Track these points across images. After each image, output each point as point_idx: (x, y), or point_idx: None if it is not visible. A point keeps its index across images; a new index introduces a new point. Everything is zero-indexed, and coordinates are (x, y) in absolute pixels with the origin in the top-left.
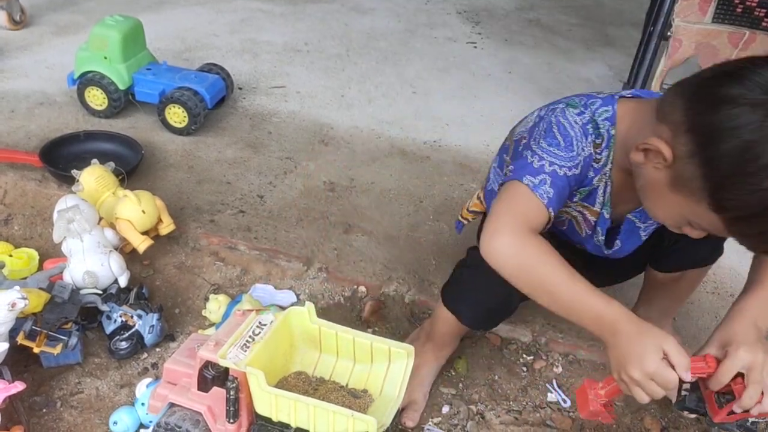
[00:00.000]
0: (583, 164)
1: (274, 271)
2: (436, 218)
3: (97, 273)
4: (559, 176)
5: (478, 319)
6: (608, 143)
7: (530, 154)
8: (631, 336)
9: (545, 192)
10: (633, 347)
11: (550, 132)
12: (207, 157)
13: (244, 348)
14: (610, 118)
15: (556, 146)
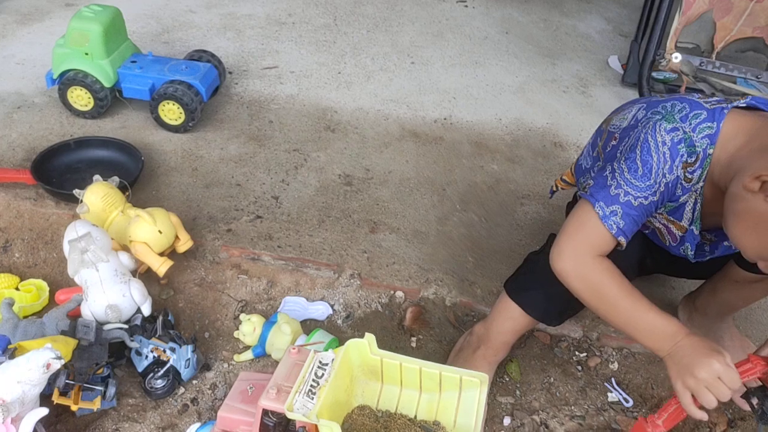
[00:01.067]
0: (665, 189)
1: (302, 281)
2: (463, 208)
3: (120, 305)
4: (634, 206)
5: (549, 312)
6: (703, 163)
7: (610, 176)
8: (694, 344)
9: (615, 223)
10: (697, 353)
11: (634, 154)
12: (210, 156)
13: (309, 395)
14: (712, 136)
15: (634, 174)
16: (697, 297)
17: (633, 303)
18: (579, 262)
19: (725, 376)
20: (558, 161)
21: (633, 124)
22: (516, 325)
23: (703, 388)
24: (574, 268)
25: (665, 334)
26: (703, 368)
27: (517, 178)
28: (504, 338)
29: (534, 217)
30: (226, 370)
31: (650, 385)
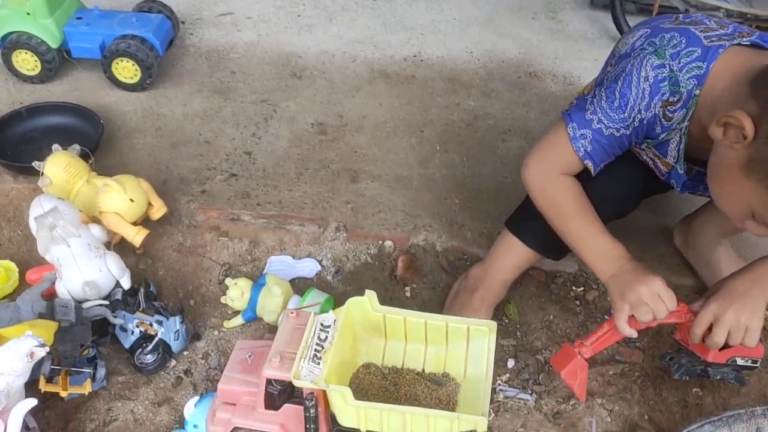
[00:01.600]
0: (639, 125)
1: (286, 238)
2: (443, 149)
3: (98, 281)
4: (604, 135)
5: (549, 243)
6: (687, 103)
7: (590, 101)
8: (637, 268)
9: (582, 146)
10: (639, 273)
11: (615, 84)
12: (173, 113)
13: (315, 360)
14: (700, 77)
15: (610, 105)
16: (695, 218)
17: (585, 223)
18: (543, 175)
19: (665, 294)
20: (535, 92)
21: (629, 52)
22: (517, 261)
23: (643, 303)
24: (537, 180)
25: (611, 256)
26: (645, 285)
27: (495, 113)
28: (502, 276)
29: (517, 153)
30: (217, 337)
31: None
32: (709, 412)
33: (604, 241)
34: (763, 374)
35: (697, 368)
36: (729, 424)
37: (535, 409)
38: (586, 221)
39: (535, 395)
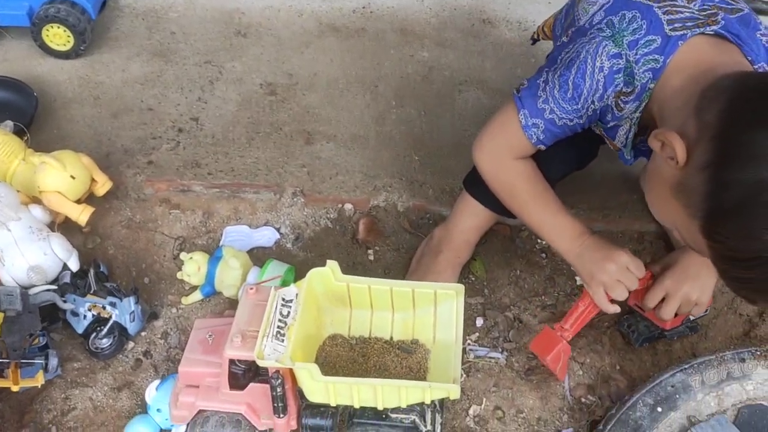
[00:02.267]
0: (592, 114)
1: (241, 207)
2: (399, 104)
3: (43, 265)
4: (557, 125)
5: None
6: (640, 96)
7: (542, 86)
8: (598, 243)
9: (535, 134)
10: (603, 249)
11: (569, 72)
12: (111, 80)
13: (278, 337)
14: (656, 71)
15: (563, 95)
16: None
17: (542, 206)
18: (495, 161)
19: (632, 265)
20: (490, 40)
21: (586, 27)
22: (478, 221)
23: (615, 281)
24: (491, 167)
25: (572, 235)
26: (613, 261)
27: (450, 64)
28: (466, 237)
29: (475, 104)
30: (175, 315)
31: None
32: (679, 358)
33: (563, 221)
34: (729, 316)
35: (655, 333)
36: (700, 370)
37: (506, 367)
38: (542, 204)
39: (506, 353)
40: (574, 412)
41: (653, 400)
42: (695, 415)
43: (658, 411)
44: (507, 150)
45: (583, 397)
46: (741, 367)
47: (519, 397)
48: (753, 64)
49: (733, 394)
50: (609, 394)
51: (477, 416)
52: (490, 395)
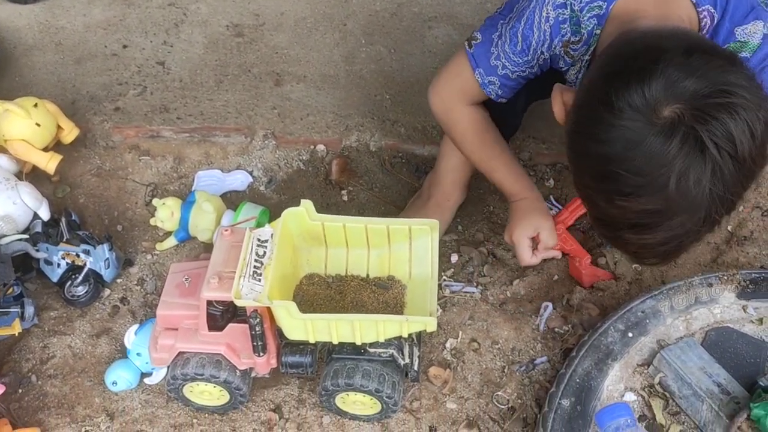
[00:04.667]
0: (543, 63)
1: (212, 151)
2: (369, 42)
3: (13, 215)
4: (511, 78)
5: None
6: (588, 41)
7: (495, 42)
8: (523, 210)
9: (493, 91)
10: (517, 219)
11: (518, 24)
12: (72, 25)
13: (255, 277)
14: (600, 17)
15: (513, 49)
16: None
17: (488, 159)
18: (449, 107)
19: (517, 247)
20: None
21: None
22: (462, 158)
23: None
24: (444, 112)
25: (508, 192)
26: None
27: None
28: (452, 177)
29: (445, 41)
30: (150, 261)
31: None
32: (649, 285)
33: (503, 179)
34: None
35: None
36: (669, 296)
37: (481, 301)
38: (488, 158)
39: (481, 287)
40: (548, 341)
41: (624, 325)
42: (664, 339)
43: (628, 336)
44: (461, 95)
45: (557, 327)
46: (708, 291)
47: (494, 328)
48: (696, 7)
49: (701, 318)
50: (581, 322)
51: (454, 349)
52: (466, 328)
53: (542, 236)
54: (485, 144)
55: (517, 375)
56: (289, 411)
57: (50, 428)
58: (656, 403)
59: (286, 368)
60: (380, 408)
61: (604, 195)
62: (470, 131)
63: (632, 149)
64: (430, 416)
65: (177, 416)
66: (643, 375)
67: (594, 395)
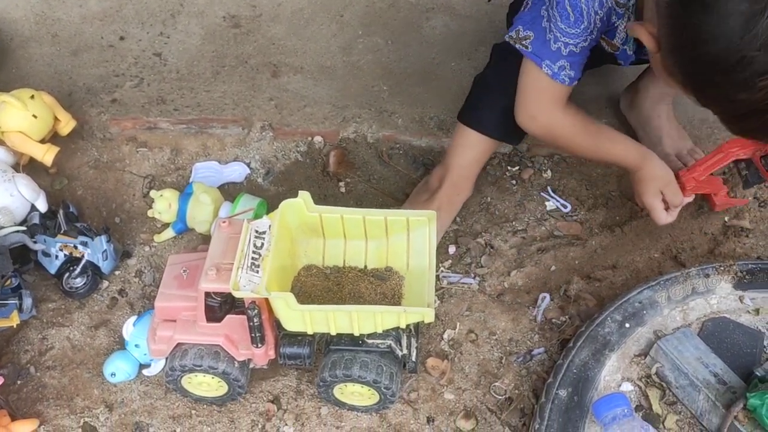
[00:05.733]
0: (601, 24)
1: (210, 143)
2: (366, 33)
3: (10, 207)
4: (577, 54)
5: (508, 127)
6: None
7: (548, 28)
8: (646, 178)
9: (566, 75)
10: (643, 186)
11: (562, 1)
12: (69, 16)
13: (253, 268)
14: None
15: (567, 22)
16: (640, 80)
17: (601, 149)
18: (544, 123)
19: (650, 209)
20: None
21: None
22: (476, 153)
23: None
24: (545, 132)
25: (628, 166)
26: (639, 198)
27: None
28: (465, 172)
29: (443, 31)
30: (148, 253)
31: (584, 186)
32: (646, 277)
33: (622, 156)
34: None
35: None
36: (666, 287)
37: (479, 292)
38: (600, 145)
39: (479, 278)
40: (545, 332)
41: (621, 316)
42: (661, 329)
43: (626, 327)
44: (547, 104)
45: (555, 318)
46: (705, 282)
47: (491, 319)
48: None
49: (698, 309)
50: (578, 313)
51: (451, 340)
52: (464, 319)
53: (668, 197)
54: (592, 137)
55: (514, 366)
56: (287, 402)
57: (49, 419)
58: (653, 394)
59: (284, 359)
60: (378, 399)
61: (742, 86)
62: (577, 135)
63: (752, 25)
64: (427, 407)
65: (175, 407)
66: (640, 365)
67: (591, 386)
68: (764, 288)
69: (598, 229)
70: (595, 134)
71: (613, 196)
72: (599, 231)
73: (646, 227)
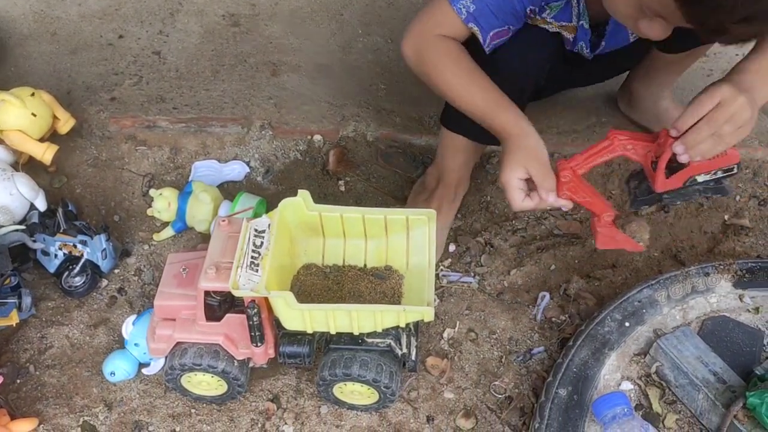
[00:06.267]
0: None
1: (209, 141)
2: (365, 32)
3: (9, 206)
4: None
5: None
6: None
7: None
8: (512, 149)
9: (464, 7)
10: (506, 160)
11: None
12: (68, 15)
13: (252, 267)
14: None
15: None
16: (633, 80)
17: (467, 91)
18: (420, 42)
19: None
20: None
21: None
22: (465, 157)
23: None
24: (415, 48)
25: (496, 129)
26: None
27: None
28: (458, 174)
29: None
30: (147, 252)
31: None
32: (646, 275)
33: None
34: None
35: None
36: (666, 285)
37: (478, 291)
38: (467, 89)
39: (478, 277)
40: (545, 331)
41: (621, 315)
42: (661, 328)
43: (625, 326)
44: (434, 30)
45: (554, 317)
46: (705, 281)
47: (491, 318)
48: None
49: (698, 307)
50: (578, 312)
51: (451, 339)
52: (464, 318)
53: (534, 176)
54: (463, 76)
55: (514, 365)
56: (287, 401)
57: (48, 418)
58: (653, 392)
59: (283, 358)
60: (378, 398)
61: None
62: (447, 67)
63: None
64: (427, 406)
65: (175, 406)
66: (639, 364)
67: (591, 384)
68: (764, 287)
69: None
70: (467, 74)
71: (614, 195)
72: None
73: None
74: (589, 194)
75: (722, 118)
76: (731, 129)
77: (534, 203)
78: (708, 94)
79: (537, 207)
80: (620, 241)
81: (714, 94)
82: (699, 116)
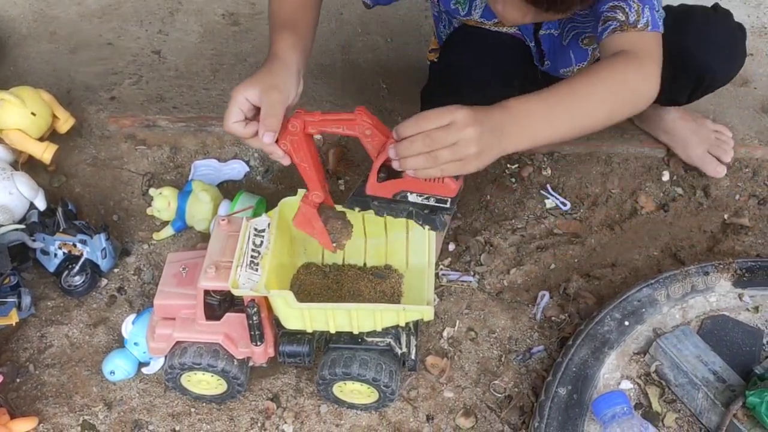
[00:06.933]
0: None
1: (209, 140)
2: (365, 31)
3: (9, 205)
4: None
5: None
6: None
7: None
8: (262, 70)
9: None
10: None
11: None
12: (66, 14)
13: (252, 266)
14: None
15: None
16: None
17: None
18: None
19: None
20: None
21: None
22: None
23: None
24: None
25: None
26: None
27: None
28: None
29: None
30: (147, 251)
31: (584, 183)
32: (645, 275)
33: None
34: (694, 233)
35: (368, 199)
36: (665, 285)
37: (478, 290)
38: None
39: (478, 276)
40: (545, 330)
41: (620, 314)
42: (661, 327)
43: (625, 325)
44: None
45: (554, 316)
46: (705, 280)
47: (491, 318)
48: None
49: (697, 306)
50: (578, 311)
51: (451, 338)
52: (463, 317)
53: (262, 108)
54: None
55: (513, 364)
56: (287, 400)
57: (48, 417)
58: (652, 392)
59: (283, 358)
60: (378, 397)
61: None
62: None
63: None
64: (427, 405)
65: (175, 405)
66: (639, 363)
67: (590, 384)
68: (763, 286)
69: (597, 227)
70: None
71: (613, 194)
72: (598, 229)
73: (645, 225)
74: (309, 161)
75: (442, 141)
76: (449, 157)
77: (246, 133)
78: (440, 111)
79: (247, 139)
80: (316, 230)
81: (445, 114)
82: (420, 129)
